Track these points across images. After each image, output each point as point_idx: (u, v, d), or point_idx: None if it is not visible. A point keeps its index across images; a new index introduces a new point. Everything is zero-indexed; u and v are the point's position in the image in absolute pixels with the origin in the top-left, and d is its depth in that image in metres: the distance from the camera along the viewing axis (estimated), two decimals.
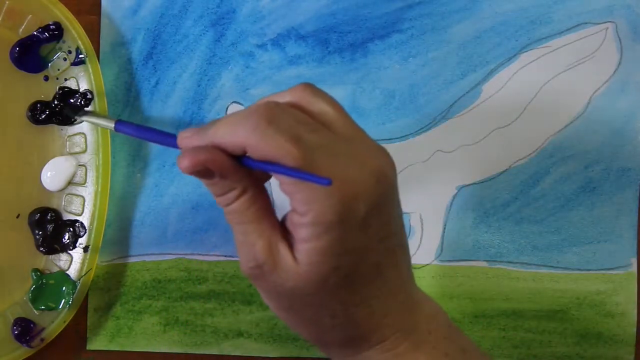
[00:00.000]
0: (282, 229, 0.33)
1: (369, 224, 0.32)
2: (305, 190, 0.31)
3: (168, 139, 0.38)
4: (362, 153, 0.33)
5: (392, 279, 0.35)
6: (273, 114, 0.32)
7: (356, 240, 0.32)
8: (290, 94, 0.34)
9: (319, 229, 0.31)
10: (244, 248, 0.34)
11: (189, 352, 0.51)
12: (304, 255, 0.32)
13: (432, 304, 0.38)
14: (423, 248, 0.50)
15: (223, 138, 0.32)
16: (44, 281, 0.50)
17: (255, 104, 0.33)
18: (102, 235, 0.50)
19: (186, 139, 0.34)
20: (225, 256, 0.51)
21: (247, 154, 0.32)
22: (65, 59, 0.50)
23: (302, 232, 0.32)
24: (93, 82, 0.50)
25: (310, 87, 0.34)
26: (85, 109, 0.50)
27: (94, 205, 0.50)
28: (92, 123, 0.49)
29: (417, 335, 0.35)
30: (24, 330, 0.49)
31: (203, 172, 0.32)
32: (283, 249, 0.33)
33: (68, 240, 0.50)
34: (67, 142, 0.51)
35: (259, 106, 0.32)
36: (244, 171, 0.33)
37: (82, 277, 0.50)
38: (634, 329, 0.50)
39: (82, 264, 0.50)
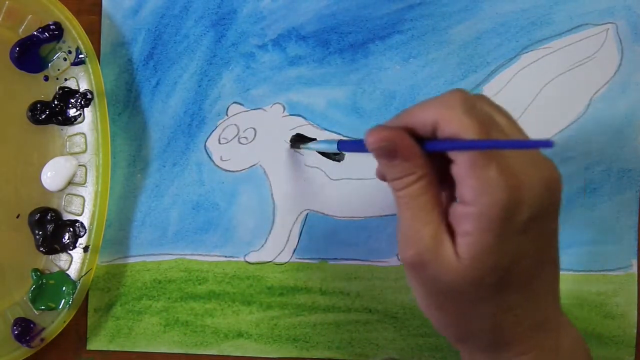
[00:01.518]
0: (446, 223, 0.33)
1: (529, 230, 0.32)
2: (479, 178, 0.31)
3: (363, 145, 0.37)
4: (534, 160, 0.33)
5: (542, 292, 0.35)
6: (467, 97, 0.32)
7: (515, 243, 0.32)
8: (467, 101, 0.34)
9: (483, 222, 0.31)
10: (408, 234, 0.33)
11: (189, 352, 0.51)
12: (465, 249, 0.32)
13: (576, 331, 0.37)
14: None
15: (415, 115, 0.33)
16: (44, 281, 0.50)
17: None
18: (102, 236, 0.50)
19: (376, 129, 0.34)
20: (226, 256, 0.51)
21: (437, 133, 0.32)
22: (65, 59, 0.50)
23: (466, 224, 0.32)
24: (93, 82, 0.50)
25: (484, 96, 0.35)
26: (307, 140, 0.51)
27: (94, 205, 0.50)
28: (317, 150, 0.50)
29: (558, 357, 0.35)
30: (24, 330, 0.49)
31: (387, 151, 0.33)
32: (447, 241, 0.32)
33: (68, 240, 0.50)
34: (67, 142, 0.51)
35: (451, 91, 0.33)
36: (424, 158, 0.33)
37: (82, 277, 0.50)
38: (635, 330, 0.50)
39: (82, 264, 0.50)
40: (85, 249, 0.50)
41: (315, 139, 0.50)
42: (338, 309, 0.51)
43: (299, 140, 0.50)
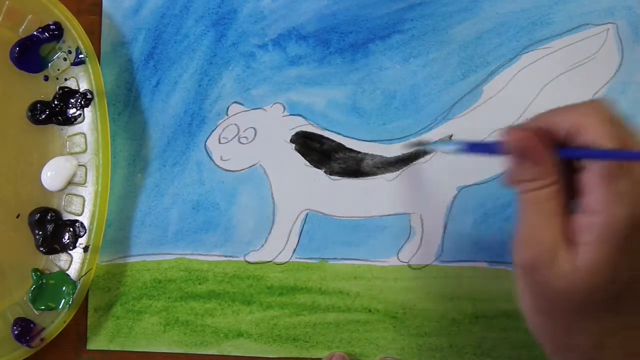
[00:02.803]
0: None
1: None
2: (610, 189, 0.31)
3: (497, 147, 0.36)
4: None
5: None
6: (606, 106, 0.32)
7: (634, 262, 0.31)
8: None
9: (607, 234, 0.31)
10: (526, 237, 0.33)
11: (189, 352, 0.51)
12: (583, 259, 0.31)
13: None
14: (423, 249, 0.50)
15: (552, 118, 0.33)
16: (44, 281, 0.50)
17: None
18: (102, 235, 0.50)
19: (508, 129, 0.34)
20: (226, 256, 0.51)
21: (573, 139, 0.32)
22: (65, 59, 0.50)
23: (588, 234, 0.31)
24: (93, 82, 0.50)
25: (608, 107, 0.34)
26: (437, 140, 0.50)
27: (94, 205, 0.50)
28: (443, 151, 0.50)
29: None
30: (24, 330, 0.49)
31: (521, 151, 0.33)
32: (565, 248, 0.32)
33: (68, 240, 0.50)
34: (67, 142, 0.51)
35: (591, 100, 0.33)
36: (556, 164, 0.33)
37: (82, 277, 0.50)
38: None
39: (82, 264, 0.50)
40: (85, 249, 0.50)
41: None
42: (338, 309, 0.51)
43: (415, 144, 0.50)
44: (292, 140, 0.51)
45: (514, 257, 0.34)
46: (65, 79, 0.50)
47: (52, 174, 0.50)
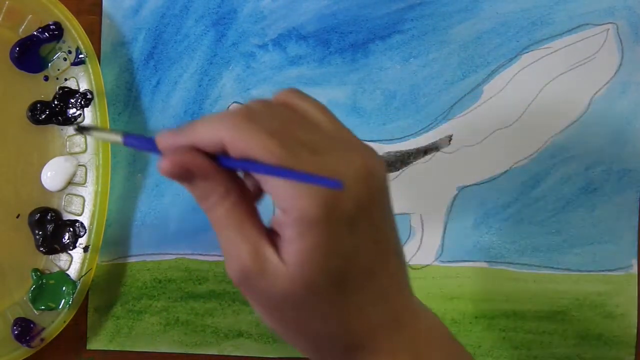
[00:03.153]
0: (270, 232, 0.32)
1: (358, 225, 0.31)
2: (287, 186, 0.30)
3: (150, 144, 0.35)
4: (349, 151, 0.32)
5: (386, 285, 0.33)
6: (253, 112, 0.31)
7: (345, 241, 0.31)
8: (276, 96, 0.34)
9: (303, 227, 0.30)
10: (229, 255, 0.32)
11: (189, 352, 0.51)
12: (291, 256, 0.31)
13: (431, 315, 0.36)
14: (423, 249, 0.50)
15: (201, 135, 0.31)
16: (44, 281, 0.50)
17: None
18: (102, 235, 0.50)
19: (164, 138, 0.33)
20: None
21: (227, 153, 0.31)
22: (65, 59, 0.50)
23: (287, 231, 0.31)
24: (93, 82, 0.50)
25: (295, 90, 0.34)
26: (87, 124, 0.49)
27: (94, 205, 0.50)
28: (99, 139, 0.48)
29: (415, 348, 0.34)
30: (24, 330, 0.49)
31: (184, 174, 0.32)
32: (269, 252, 0.31)
33: (68, 240, 0.50)
34: (67, 142, 0.51)
35: (240, 105, 0.31)
36: (225, 173, 0.32)
37: (82, 277, 0.50)
38: (635, 330, 0.50)
39: (82, 264, 0.50)
40: (85, 249, 0.50)
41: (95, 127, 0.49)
42: None
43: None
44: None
45: (229, 276, 0.33)
46: (65, 79, 0.50)
47: (52, 174, 0.50)
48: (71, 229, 0.50)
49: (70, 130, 0.51)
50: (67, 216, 0.50)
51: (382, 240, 0.33)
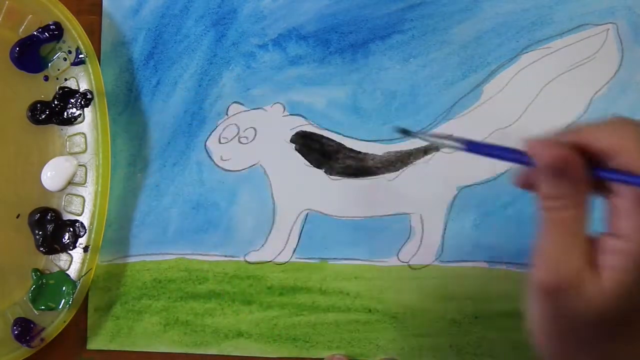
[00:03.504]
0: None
1: None
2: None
3: (518, 155, 0.34)
4: None
5: None
6: None
7: None
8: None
9: (635, 261, 0.30)
10: (548, 258, 0.32)
11: (189, 352, 0.51)
12: (609, 285, 0.30)
13: None
14: (423, 249, 0.50)
15: (588, 135, 0.31)
16: (44, 281, 0.50)
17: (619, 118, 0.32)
18: (102, 235, 0.50)
19: (541, 142, 0.32)
20: (226, 256, 0.51)
21: (608, 160, 0.31)
22: (65, 59, 0.50)
23: (615, 259, 0.30)
24: (93, 82, 0.50)
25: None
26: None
27: (94, 205, 0.50)
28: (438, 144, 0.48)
29: None
30: (24, 330, 0.49)
31: (558, 169, 0.31)
32: (589, 273, 0.31)
33: (68, 240, 0.50)
34: (67, 142, 0.51)
35: (625, 120, 0.31)
36: (589, 185, 0.31)
37: (82, 277, 0.50)
38: None
39: (82, 264, 0.50)
40: (85, 249, 0.50)
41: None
42: (338, 309, 0.51)
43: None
44: (292, 140, 0.51)
45: (534, 278, 0.32)
46: (65, 79, 0.50)
47: (52, 174, 0.50)
48: (71, 229, 0.50)
49: (70, 130, 0.51)
50: (67, 216, 0.50)
51: None
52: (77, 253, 0.50)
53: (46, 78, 0.51)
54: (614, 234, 0.31)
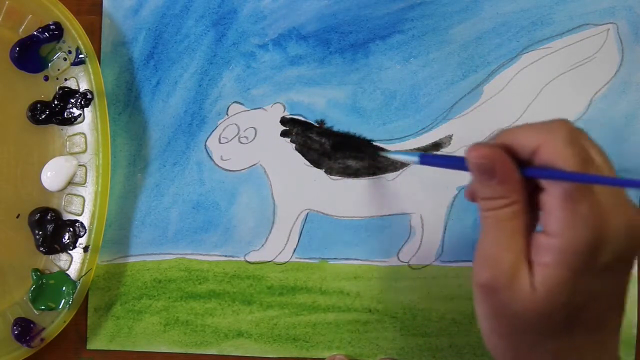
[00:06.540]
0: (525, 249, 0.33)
1: (607, 273, 0.32)
2: (570, 212, 0.30)
3: (461, 162, 0.36)
4: (621, 202, 0.32)
5: (608, 338, 0.34)
6: (572, 128, 0.32)
7: (591, 284, 0.31)
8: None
9: (565, 256, 0.31)
10: (487, 256, 0.33)
11: (189, 352, 0.51)
12: (541, 281, 0.31)
13: None
14: (424, 249, 0.50)
15: (516, 135, 0.32)
16: (44, 281, 0.50)
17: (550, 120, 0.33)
18: (102, 235, 0.50)
19: (473, 145, 0.33)
20: (226, 256, 0.51)
21: (535, 158, 0.32)
22: (65, 59, 0.50)
23: (546, 256, 0.31)
24: (93, 82, 0.50)
25: (572, 128, 0.33)
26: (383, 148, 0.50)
27: (94, 205, 0.50)
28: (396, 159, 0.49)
29: None
30: (24, 330, 0.49)
31: (486, 169, 0.32)
32: (525, 270, 0.32)
33: (68, 240, 0.50)
34: (67, 142, 0.51)
35: (557, 120, 0.32)
36: (520, 183, 0.32)
37: (82, 277, 0.50)
38: (635, 330, 0.50)
39: (82, 264, 0.50)
40: (85, 248, 0.50)
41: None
42: (338, 309, 0.51)
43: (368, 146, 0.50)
44: (283, 134, 0.51)
45: (473, 276, 0.34)
46: (65, 79, 0.50)
47: (52, 174, 0.50)
48: (71, 229, 0.50)
49: (70, 130, 0.51)
50: (67, 216, 0.50)
51: (618, 293, 0.33)
52: (77, 253, 0.50)
53: (46, 78, 0.51)
54: (545, 232, 0.32)
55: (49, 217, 0.50)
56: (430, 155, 0.37)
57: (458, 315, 0.50)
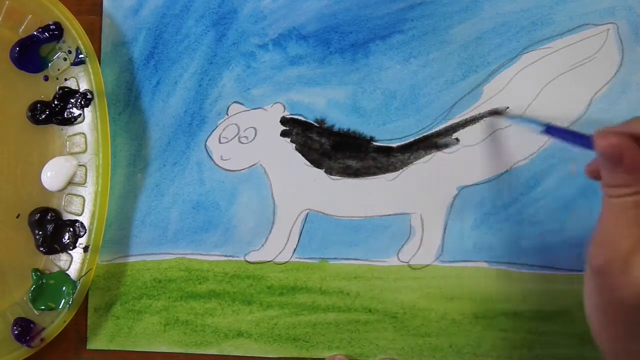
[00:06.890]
0: None
1: None
2: None
3: (585, 140, 0.37)
4: None
5: None
6: None
7: None
8: None
9: None
10: (604, 241, 0.33)
11: (189, 352, 0.51)
12: None
13: None
14: (423, 249, 0.50)
15: None
16: (44, 281, 0.50)
17: None
18: (102, 235, 0.50)
19: (601, 132, 0.34)
20: (226, 256, 0.51)
21: None
22: (65, 59, 0.50)
23: None
24: (93, 82, 0.50)
25: None
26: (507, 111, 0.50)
27: (94, 205, 0.50)
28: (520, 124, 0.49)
29: None
30: (24, 330, 0.49)
31: (614, 157, 0.33)
32: (637, 257, 0.32)
33: (68, 240, 0.50)
34: (67, 142, 0.51)
35: None
36: None
37: (82, 277, 0.50)
38: None
39: (82, 264, 0.50)
40: (85, 248, 0.50)
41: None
42: (338, 308, 0.51)
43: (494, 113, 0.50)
44: (283, 133, 0.51)
45: (588, 257, 0.34)
46: (65, 79, 0.50)
47: (52, 174, 0.50)
48: (71, 229, 0.50)
49: (70, 130, 0.51)
50: (67, 216, 0.50)
51: None
52: (77, 253, 0.50)
53: (46, 78, 0.51)
54: None
55: (49, 217, 0.50)
56: (558, 127, 0.37)
57: (458, 315, 0.50)
